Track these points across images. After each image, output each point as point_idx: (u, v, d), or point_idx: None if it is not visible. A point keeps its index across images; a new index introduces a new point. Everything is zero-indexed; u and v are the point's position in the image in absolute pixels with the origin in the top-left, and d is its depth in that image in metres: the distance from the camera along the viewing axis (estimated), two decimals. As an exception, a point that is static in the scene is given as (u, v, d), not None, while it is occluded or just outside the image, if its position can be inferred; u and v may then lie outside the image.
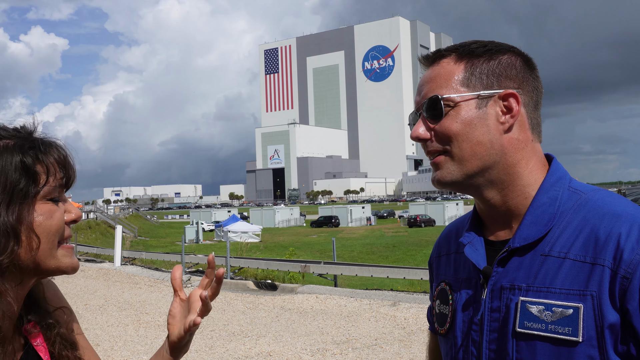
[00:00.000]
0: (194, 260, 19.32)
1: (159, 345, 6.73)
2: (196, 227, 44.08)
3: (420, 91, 1.19)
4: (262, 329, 9.90)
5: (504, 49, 1.17)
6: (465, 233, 1.24)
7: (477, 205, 1.24)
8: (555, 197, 1.13)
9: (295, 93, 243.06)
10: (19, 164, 0.99)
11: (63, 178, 1.05)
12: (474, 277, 1.19)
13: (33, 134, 1.06)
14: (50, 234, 1.01)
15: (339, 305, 11.69)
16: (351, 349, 8.34)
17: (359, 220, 68.56)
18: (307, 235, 49.39)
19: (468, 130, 1.12)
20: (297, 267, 15.35)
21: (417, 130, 1.18)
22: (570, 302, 1.03)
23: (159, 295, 14.16)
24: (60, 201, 1.05)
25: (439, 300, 1.29)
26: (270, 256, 22.16)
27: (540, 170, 1.17)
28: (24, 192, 0.98)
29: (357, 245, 35.32)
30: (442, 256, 1.36)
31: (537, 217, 1.12)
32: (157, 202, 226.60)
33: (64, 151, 1.08)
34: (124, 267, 20.35)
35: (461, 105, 1.13)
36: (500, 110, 1.13)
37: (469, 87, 1.14)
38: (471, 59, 1.16)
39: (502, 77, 1.14)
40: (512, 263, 1.12)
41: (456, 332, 1.20)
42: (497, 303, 1.12)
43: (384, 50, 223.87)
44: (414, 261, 26.05)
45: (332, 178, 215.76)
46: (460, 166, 1.14)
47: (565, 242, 1.07)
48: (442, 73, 1.16)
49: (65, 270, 1.05)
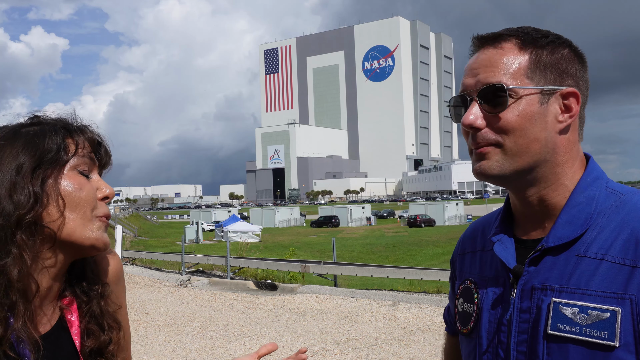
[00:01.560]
0: (194, 260, 19.32)
1: (158, 345, 6.77)
2: (196, 227, 44.02)
3: (476, 74, 1.11)
4: (262, 329, 9.90)
5: (564, 43, 1.13)
6: (494, 231, 1.20)
7: (512, 202, 1.20)
8: (592, 196, 1.09)
9: (295, 93, 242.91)
10: (51, 136, 1.06)
11: (92, 154, 1.11)
12: (503, 276, 1.15)
13: (72, 118, 1.14)
14: (79, 205, 1.05)
15: (339, 305, 11.69)
16: (351, 349, 8.34)
17: (359, 220, 68.52)
18: (307, 235, 49.37)
19: (527, 126, 1.07)
20: (297, 267, 15.35)
21: (469, 117, 1.10)
22: (607, 305, 0.99)
23: (159, 295, 14.16)
24: (92, 177, 1.10)
25: (463, 298, 1.25)
26: (270, 256, 22.15)
27: (581, 170, 1.14)
28: (52, 158, 1.04)
29: (357, 245, 35.29)
30: (467, 254, 1.32)
31: (573, 217, 1.08)
32: (157, 202, 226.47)
33: (98, 133, 1.14)
34: (124, 267, 20.31)
35: (523, 99, 1.08)
36: (559, 108, 1.09)
37: (532, 80, 1.08)
38: (536, 49, 1.10)
39: (564, 74, 1.10)
40: (545, 263, 1.08)
41: (481, 332, 1.16)
42: (527, 303, 1.08)
43: (384, 50, 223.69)
44: (414, 261, 26.04)
45: (332, 178, 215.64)
46: (511, 161, 1.09)
47: (602, 243, 1.04)
48: (506, 59, 1.10)
49: (96, 244, 1.07)
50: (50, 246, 1.04)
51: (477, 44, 1.15)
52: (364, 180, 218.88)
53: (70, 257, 1.08)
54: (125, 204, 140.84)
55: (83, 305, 1.13)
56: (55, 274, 1.07)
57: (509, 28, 1.14)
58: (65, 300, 1.12)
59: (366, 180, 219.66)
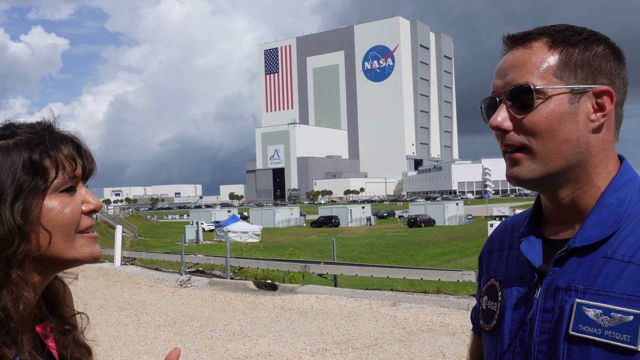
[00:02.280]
0: (194, 260, 19.32)
1: (158, 345, 6.77)
2: (196, 227, 44.05)
3: (505, 75, 1.10)
4: (262, 329, 9.89)
5: (599, 40, 1.09)
6: (523, 229, 1.19)
7: (543, 202, 1.18)
8: (623, 198, 1.07)
9: (295, 93, 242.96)
10: (27, 160, 0.99)
11: (75, 170, 1.04)
12: (528, 274, 1.14)
13: (49, 128, 1.06)
14: (63, 227, 1.01)
15: (339, 305, 11.68)
16: (351, 349, 8.34)
17: (359, 220, 68.53)
18: (307, 235, 49.37)
19: (557, 127, 1.05)
20: (297, 267, 15.35)
21: (496, 119, 1.09)
22: (631, 308, 0.97)
23: (159, 295, 14.16)
24: (76, 192, 1.05)
25: (487, 296, 1.23)
26: (270, 256, 22.15)
27: (615, 171, 1.11)
28: (30, 187, 0.98)
29: (357, 245, 35.30)
30: (494, 252, 1.30)
31: (602, 218, 1.06)
32: (157, 202, 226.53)
33: (78, 143, 1.07)
34: (124, 267, 20.35)
35: (552, 99, 1.05)
36: (592, 106, 1.06)
37: (562, 79, 1.06)
38: (566, 47, 1.07)
39: (597, 72, 1.07)
40: (571, 263, 1.07)
41: (503, 330, 1.15)
42: (550, 303, 1.07)
43: (384, 50, 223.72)
44: (414, 261, 26.05)
45: (332, 178, 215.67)
46: (542, 164, 1.07)
47: (630, 245, 1.02)
48: (534, 60, 1.07)
49: (85, 260, 1.05)
50: (36, 268, 1.02)
51: (508, 43, 1.13)
52: (364, 180, 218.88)
53: (54, 272, 1.07)
54: (125, 204, 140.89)
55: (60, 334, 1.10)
56: (39, 291, 1.05)
57: (541, 27, 1.12)
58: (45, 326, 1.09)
59: (366, 180, 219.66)
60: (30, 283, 1.00)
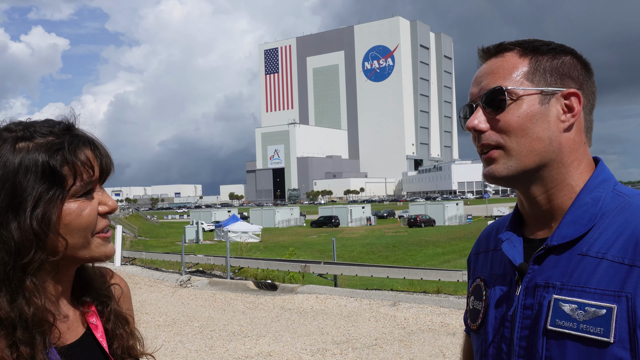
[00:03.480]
0: (194, 260, 19.32)
1: (158, 345, 6.79)
2: (196, 227, 44.02)
3: (479, 82, 1.17)
4: (262, 329, 9.89)
5: (566, 51, 1.17)
6: (504, 230, 1.24)
7: (520, 203, 1.24)
8: (598, 198, 1.12)
9: (295, 93, 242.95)
10: (46, 167, 0.99)
11: (92, 176, 1.05)
12: (509, 273, 1.19)
13: (69, 130, 1.06)
14: (80, 230, 1.03)
15: (339, 305, 11.68)
16: (351, 349, 8.34)
17: (359, 220, 68.52)
18: (307, 235, 49.36)
19: (529, 125, 1.11)
20: (297, 267, 15.35)
21: (473, 121, 1.15)
22: (604, 302, 1.01)
23: (159, 295, 14.16)
24: (93, 195, 1.06)
25: (473, 296, 1.29)
26: (270, 256, 22.15)
27: (588, 172, 1.17)
28: (49, 196, 0.99)
29: (357, 245, 35.30)
30: (480, 253, 1.36)
31: (578, 217, 1.11)
32: (157, 202, 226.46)
33: (95, 145, 1.08)
34: (124, 267, 20.35)
35: (524, 99, 1.12)
36: (561, 108, 1.13)
37: (532, 82, 1.13)
38: (536, 56, 1.15)
39: (565, 77, 1.14)
40: (549, 261, 1.11)
41: (487, 328, 1.20)
42: (530, 300, 1.11)
43: (384, 50, 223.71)
44: (414, 261, 26.04)
45: (332, 178, 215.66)
46: (517, 161, 1.12)
47: (604, 243, 1.06)
48: (505, 66, 1.15)
49: (99, 259, 1.09)
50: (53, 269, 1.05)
51: (482, 56, 1.21)
52: (364, 180, 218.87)
53: (72, 268, 1.10)
54: (125, 204, 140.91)
55: (102, 307, 1.16)
56: (61, 281, 1.09)
57: (512, 40, 1.19)
58: (85, 304, 1.15)
59: (366, 180, 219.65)
60: (45, 286, 1.03)
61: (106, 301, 1.18)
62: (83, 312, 1.14)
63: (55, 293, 1.06)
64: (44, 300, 1.01)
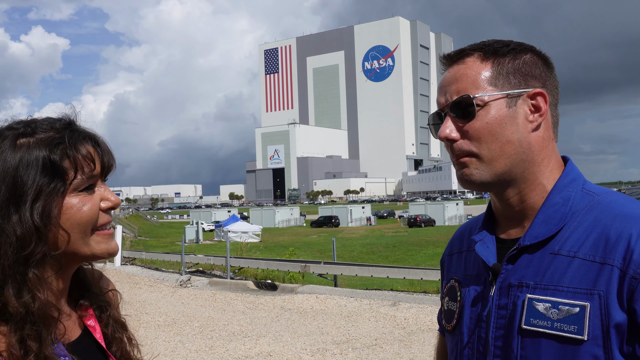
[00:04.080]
0: (194, 260, 19.33)
1: (158, 345, 6.75)
2: (196, 227, 44.03)
3: (445, 91, 1.18)
4: (262, 329, 9.90)
5: (526, 49, 1.18)
6: (478, 230, 1.25)
7: (493, 204, 1.25)
8: (568, 197, 1.13)
9: (295, 93, 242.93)
10: (47, 161, 1.00)
11: (94, 170, 1.06)
12: (483, 274, 1.20)
13: (70, 126, 1.07)
14: (81, 225, 1.03)
15: (339, 305, 11.69)
16: (351, 349, 8.34)
17: (359, 220, 68.52)
18: (307, 235, 49.36)
19: (498, 130, 1.12)
20: (297, 267, 15.35)
21: (444, 131, 1.16)
22: (577, 300, 1.03)
23: (159, 295, 14.17)
24: (95, 190, 1.06)
25: (448, 297, 1.30)
26: (270, 256, 22.14)
27: (558, 170, 1.18)
28: (50, 189, 1.00)
29: (357, 245, 35.30)
30: (454, 254, 1.37)
31: (549, 217, 1.12)
32: (157, 202, 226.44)
33: (96, 140, 1.08)
34: (124, 267, 20.35)
35: (491, 105, 1.13)
36: (528, 109, 1.14)
37: (497, 86, 1.14)
38: (497, 58, 1.16)
39: (528, 76, 1.15)
40: (522, 261, 1.12)
41: (463, 329, 1.21)
42: (504, 300, 1.12)
43: (384, 50, 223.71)
44: (414, 261, 26.03)
45: (332, 178, 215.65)
46: (489, 166, 1.13)
47: (575, 241, 1.08)
48: (469, 73, 1.16)
49: (101, 256, 1.08)
50: (55, 265, 1.05)
51: (444, 62, 1.22)
52: (364, 180, 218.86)
53: (74, 266, 1.10)
54: (125, 204, 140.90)
55: (100, 311, 1.16)
56: (63, 278, 1.09)
57: (472, 44, 1.20)
58: (82, 307, 1.15)
59: (366, 180, 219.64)
60: (48, 281, 1.03)
61: (105, 306, 1.18)
62: (80, 315, 1.14)
63: (57, 290, 1.06)
64: (49, 294, 1.01)
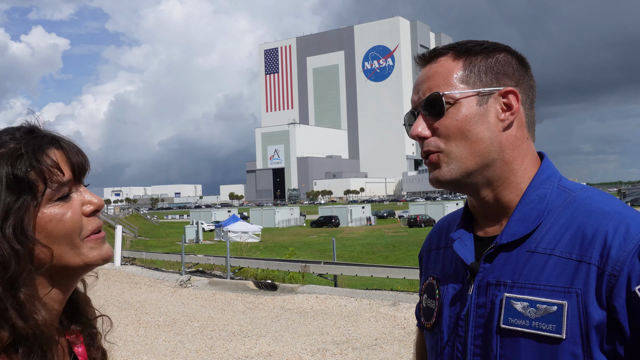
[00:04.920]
0: (194, 260, 19.33)
1: (159, 345, 6.79)
2: (196, 227, 44.02)
3: (418, 90, 1.18)
4: (262, 329, 9.90)
5: (499, 48, 1.17)
6: (456, 228, 1.24)
7: (470, 202, 1.24)
8: (544, 194, 1.13)
9: (295, 93, 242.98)
10: (10, 177, 0.92)
11: (64, 176, 0.97)
12: (462, 272, 1.19)
13: (32, 132, 0.99)
14: (66, 236, 0.96)
15: (339, 305, 11.69)
16: (351, 349, 8.34)
17: (359, 220, 68.53)
18: (307, 235, 49.36)
19: (468, 128, 1.11)
20: (297, 267, 15.35)
21: (416, 129, 1.16)
22: (554, 299, 1.02)
23: (159, 295, 14.17)
24: (73, 196, 0.99)
25: (426, 294, 1.29)
26: (270, 256, 22.14)
27: (534, 167, 1.17)
28: (19, 205, 0.92)
29: (357, 245, 35.30)
30: (432, 250, 1.36)
31: (525, 214, 1.12)
32: (157, 202, 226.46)
33: (63, 145, 1.00)
34: (124, 267, 20.35)
35: (462, 102, 1.12)
36: (500, 107, 1.13)
37: (468, 84, 1.13)
38: (469, 57, 1.15)
39: (500, 75, 1.14)
40: (499, 259, 1.11)
41: (442, 327, 1.20)
42: (483, 299, 1.11)
43: (384, 50, 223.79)
44: (414, 261, 26.01)
45: (332, 178, 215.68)
46: (459, 164, 1.12)
47: (551, 239, 1.07)
48: (441, 71, 1.15)
49: (95, 264, 1.01)
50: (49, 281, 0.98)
51: (419, 62, 1.22)
52: (364, 180, 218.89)
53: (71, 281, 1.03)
54: (125, 204, 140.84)
55: (90, 339, 1.10)
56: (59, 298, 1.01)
57: (448, 44, 1.20)
58: (74, 332, 1.08)
59: (366, 180, 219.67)
60: (45, 298, 0.97)
61: (95, 335, 1.11)
62: (70, 341, 1.06)
63: (54, 310, 0.99)
64: (48, 314, 0.95)
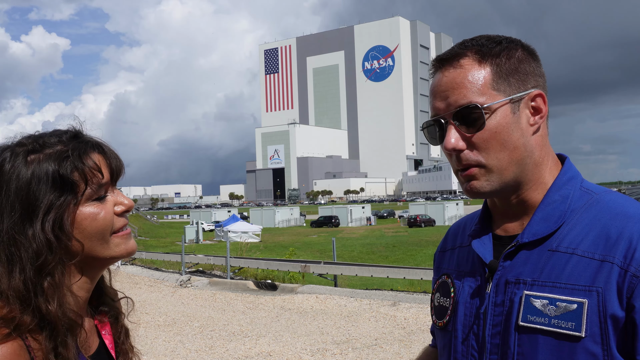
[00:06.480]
0: (194, 260, 19.32)
1: (159, 345, 6.81)
2: (196, 227, 43.98)
3: (445, 96, 1.12)
4: (262, 329, 9.89)
5: (516, 44, 1.15)
6: (474, 227, 1.24)
7: (490, 201, 1.23)
8: (566, 195, 1.13)
9: (295, 93, 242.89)
10: (57, 175, 1.03)
11: (103, 178, 1.08)
12: (479, 270, 1.19)
13: (77, 137, 1.10)
14: (98, 233, 1.07)
15: (339, 305, 11.68)
16: (351, 349, 8.34)
17: (359, 220, 68.48)
18: (307, 235, 49.34)
19: (506, 138, 1.09)
20: (297, 267, 15.35)
21: (450, 141, 1.11)
22: (575, 297, 1.02)
23: (159, 295, 14.17)
24: (107, 196, 1.10)
25: (439, 292, 1.28)
26: (270, 256, 22.13)
27: (556, 167, 1.18)
28: (61, 202, 1.03)
29: (357, 245, 35.29)
30: (447, 250, 1.36)
31: (548, 214, 1.12)
32: (157, 202, 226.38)
33: (105, 149, 1.11)
34: (124, 267, 20.35)
35: (498, 112, 1.09)
36: (529, 111, 1.12)
37: (499, 90, 1.10)
38: (493, 59, 1.11)
39: (525, 75, 1.12)
40: (519, 258, 1.12)
41: (457, 325, 1.20)
42: (501, 297, 1.12)
43: (384, 50, 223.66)
44: (414, 261, 26.02)
45: (332, 178, 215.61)
46: (499, 176, 1.11)
47: (573, 238, 1.08)
48: (470, 77, 1.10)
49: (121, 256, 1.12)
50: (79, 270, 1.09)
51: (436, 65, 1.16)
52: (364, 180, 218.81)
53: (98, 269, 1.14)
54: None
55: (116, 321, 1.22)
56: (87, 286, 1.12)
57: (463, 43, 1.15)
58: (101, 315, 1.19)
59: (366, 180, 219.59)
60: (73, 286, 1.07)
61: (119, 315, 1.23)
62: (98, 323, 1.17)
63: (81, 297, 1.09)
64: (73, 301, 1.05)
